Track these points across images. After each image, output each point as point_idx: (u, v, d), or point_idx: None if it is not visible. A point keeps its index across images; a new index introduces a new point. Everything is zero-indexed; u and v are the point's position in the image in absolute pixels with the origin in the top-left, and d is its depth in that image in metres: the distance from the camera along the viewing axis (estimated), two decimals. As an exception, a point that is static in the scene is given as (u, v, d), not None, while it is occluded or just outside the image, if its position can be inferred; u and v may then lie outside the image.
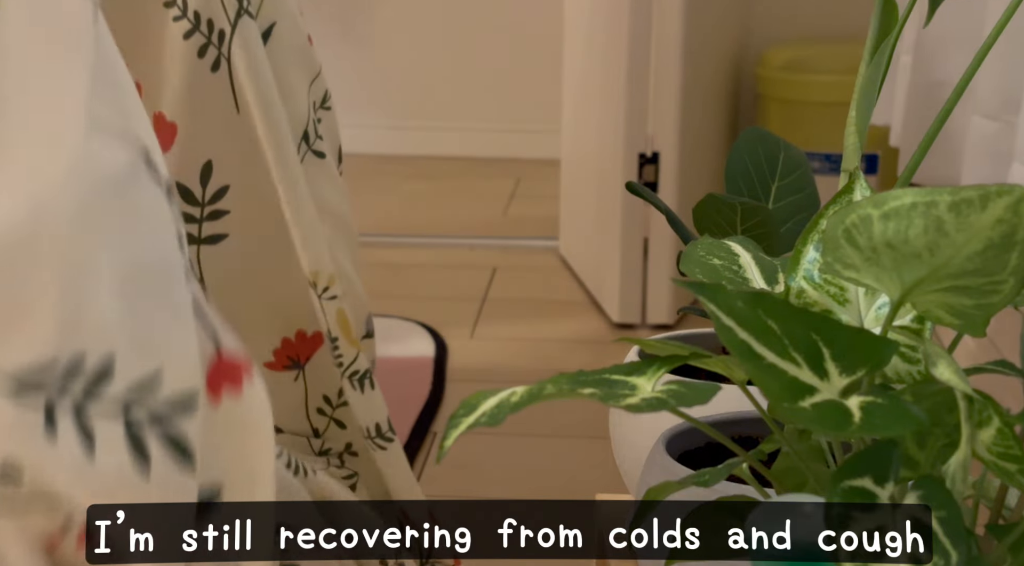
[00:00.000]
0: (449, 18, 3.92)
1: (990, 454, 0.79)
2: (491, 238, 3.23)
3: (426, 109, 3.97)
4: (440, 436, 2.16)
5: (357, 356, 1.59)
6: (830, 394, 0.78)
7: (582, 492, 1.96)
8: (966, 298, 0.79)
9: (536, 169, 3.81)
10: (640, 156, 2.67)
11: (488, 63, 3.94)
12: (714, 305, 0.79)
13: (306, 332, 1.59)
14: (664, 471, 1.01)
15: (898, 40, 1.01)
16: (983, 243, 0.75)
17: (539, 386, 0.81)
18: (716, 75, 2.95)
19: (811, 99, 3.03)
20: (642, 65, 2.63)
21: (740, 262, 1.03)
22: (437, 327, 2.62)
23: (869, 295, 0.91)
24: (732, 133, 3.12)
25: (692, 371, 1.18)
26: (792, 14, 3.35)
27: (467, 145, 3.98)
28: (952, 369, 0.78)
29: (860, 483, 0.75)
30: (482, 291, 2.88)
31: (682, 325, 2.68)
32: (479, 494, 2.01)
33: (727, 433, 1.09)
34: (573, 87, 3.02)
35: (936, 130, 0.99)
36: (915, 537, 0.73)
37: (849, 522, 0.73)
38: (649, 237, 2.69)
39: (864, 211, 0.76)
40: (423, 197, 3.62)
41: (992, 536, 0.82)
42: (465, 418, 0.81)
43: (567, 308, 2.80)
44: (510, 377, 2.40)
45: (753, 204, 1.13)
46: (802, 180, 1.20)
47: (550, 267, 3.05)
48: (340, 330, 1.57)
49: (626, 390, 0.82)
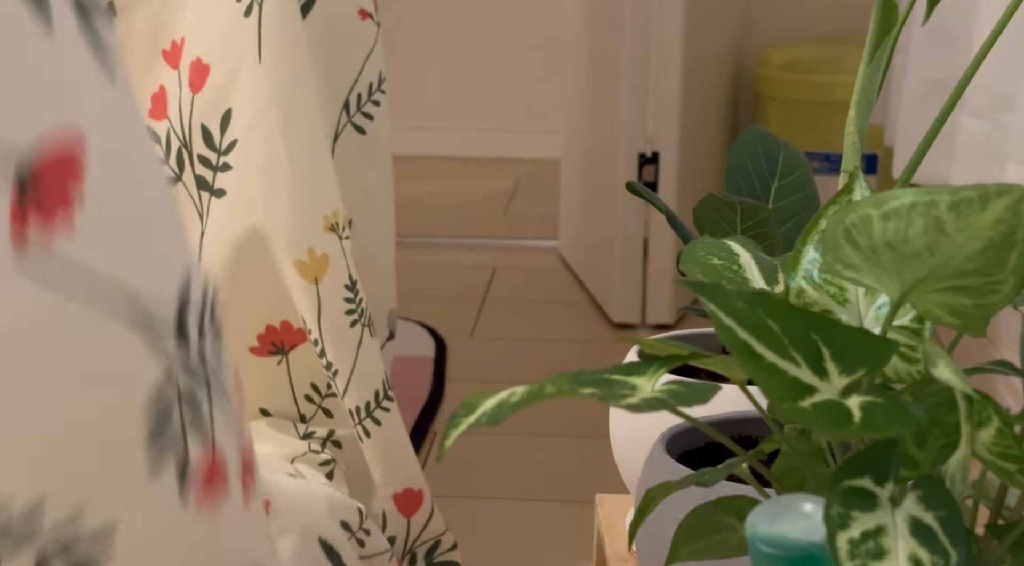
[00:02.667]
0: (450, 18, 3.93)
1: (990, 454, 0.79)
2: (491, 238, 3.23)
3: (426, 109, 3.97)
4: (440, 436, 2.16)
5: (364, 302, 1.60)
6: (830, 394, 0.78)
7: (582, 492, 1.97)
8: (966, 298, 0.79)
9: (536, 169, 3.81)
10: (640, 156, 2.67)
11: (488, 63, 3.94)
12: (714, 305, 0.79)
13: (291, 324, 1.59)
14: (664, 471, 1.01)
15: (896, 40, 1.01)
16: (983, 243, 0.75)
17: (539, 386, 0.81)
18: (716, 75, 2.95)
19: (811, 99, 3.02)
20: (642, 65, 2.63)
21: (740, 262, 1.03)
22: (437, 327, 2.62)
23: (869, 295, 0.91)
24: (732, 133, 3.12)
25: (692, 371, 1.18)
26: (792, 14, 3.35)
27: (467, 145, 3.98)
28: (952, 369, 0.78)
29: (860, 483, 0.75)
30: (482, 291, 2.88)
31: (682, 325, 2.68)
32: (479, 493, 2.01)
33: (727, 433, 1.09)
34: (573, 87, 3.03)
35: (936, 129, 0.99)
36: (914, 537, 0.73)
37: (849, 522, 0.73)
38: (649, 237, 2.69)
39: (864, 211, 0.76)
40: (423, 197, 3.62)
41: (992, 536, 0.82)
42: (465, 418, 0.81)
43: (567, 308, 2.80)
44: (510, 377, 2.40)
45: (753, 204, 1.13)
46: (802, 180, 1.20)
47: (550, 267, 3.05)
48: (358, 272, 1.58)
49: (626, 390, 0.83)
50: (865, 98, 1.02)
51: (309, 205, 1.54)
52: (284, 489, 1.47)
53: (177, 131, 1.56)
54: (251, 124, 1.54)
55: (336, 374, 1.57)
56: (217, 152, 1.55)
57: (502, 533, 1.89)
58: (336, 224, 1.56)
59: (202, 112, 1.55)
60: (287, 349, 1.60)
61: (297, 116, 1.55)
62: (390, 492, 1.63)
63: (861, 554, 0.72)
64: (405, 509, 1.65)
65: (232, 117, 1.55)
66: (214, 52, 1.55)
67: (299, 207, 1.54)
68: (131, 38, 1.61)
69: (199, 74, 1.55)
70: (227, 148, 1.55)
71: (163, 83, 1.59)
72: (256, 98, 1.54)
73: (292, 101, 1.55)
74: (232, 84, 1.54)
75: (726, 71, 3.06)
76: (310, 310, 1.55)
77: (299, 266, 1.53)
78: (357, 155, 1.66)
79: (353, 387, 1.57)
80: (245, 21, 1.54)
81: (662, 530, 0.97)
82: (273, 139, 1.53)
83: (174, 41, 1.58)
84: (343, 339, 1.56)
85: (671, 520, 0.91)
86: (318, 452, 1.60)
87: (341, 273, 1.56)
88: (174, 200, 0.88)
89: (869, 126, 1.04)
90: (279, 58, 1.54)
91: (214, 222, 1.55)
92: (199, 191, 1.55)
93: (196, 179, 1.55)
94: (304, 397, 1.63)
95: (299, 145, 1.55)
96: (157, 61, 1.60)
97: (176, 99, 1.56)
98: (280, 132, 1.54)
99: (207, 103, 1.55)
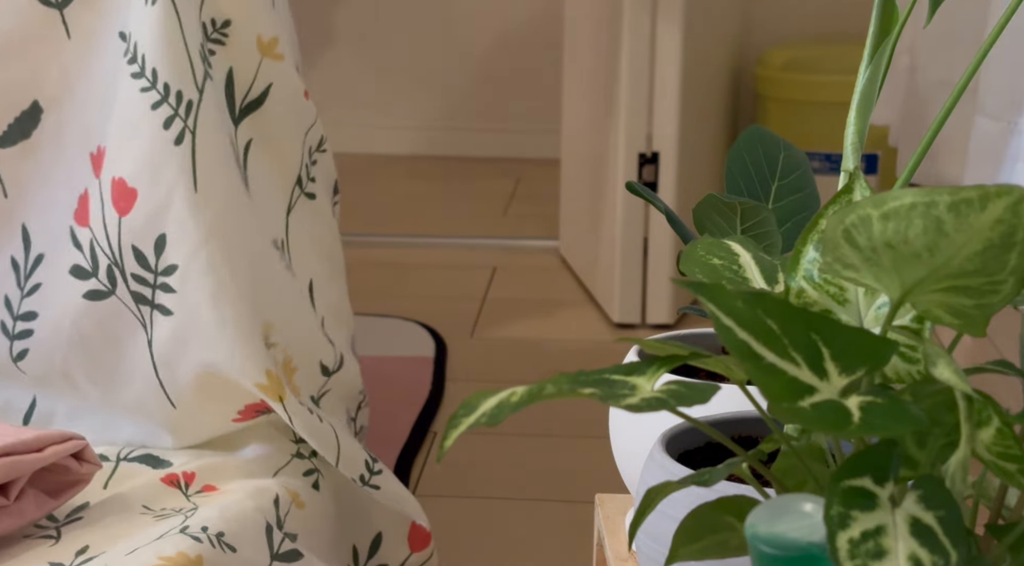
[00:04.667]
0: (449, 18, 3.93)
1: (990, 454, 0.79)
2: (491, 238, 3.23)
3: (426, 109, 3.97)
4: (440, 436, 2.16)
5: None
6: (830, 394, 0.78)
7: (582, 492, 1.97)
8: (966, 298, 0.80)
9: (536, 169, 3.81)
10: (640, 156, 2.67)
11: (488, 63, 3.94)
12: (714, 305, 0.79)
13: (267, 403, 1.59)
14: (664, 471, 1.01)
15: (898, 40, 1.01)
16: (983, 243, 0.75)
17: (539, 386, 0.81)
18: (716, 75, 2.95)
19: (811, 99, 3.03)
20: (642, 65, 2.63)
21: (740, 262, 1.03)
22: (437, 327, 2.62)
23: (869, 295, 0.91)
24: (732, 133, 3.12)
25: (692, 371, 1.18)
26: (792, 14, 3.35)
27: (467, 145, 3.98)
28: (952, 369, 0.78)
29: (860, 483, 0.75)
30: (482, 291, 2.88)
31: (682, 325, 2.68)
32: (479, 494, 2.01)
33: (727, 433, 1.09)
34: (573, 87, 3.03)
35: (937, 129, 0.99)
36: (914, 537, 0.73)
37: (849, 522, 0.73)
38: (649, 237, 2.69)
39: (864, 211, 0.76)
40: (423, 197, 3.62)
41: (992, 536, 0.82)
42: (465, 418, 0.81)
43: (567, 308, 2.80)
44: (510, 377, 2.40)
45: (753, 204, 1.13)
46: (802, 180, 1.20)
47: (550, 267, 3.05)
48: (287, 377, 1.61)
49: (626, 390, 0.83)
50: (865, 98, 1.02)
51: (256, 330, 1.55)
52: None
53: (104, 248, 1.55)
54: (192, 253, 1.53)
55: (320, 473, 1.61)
56: (154, 273, 1.54)
57: (502, 533, 1.89)
58: (267, 337, 1.58)
59: (133, 235, 1.54)
60: (270, 409, 1.59)
61: (239, 243, 1.55)
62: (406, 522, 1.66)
63: (861, 554, 0.72)
64: (414, 543, 1.66)
65: (168, 243, 1.54)
66: (140, 177, 1.53)
67: (248, 335, 1.54)
68: (58, 134, 1.61)
69: (124, 196, 1.54)
70: (165, 270, 1.54)
71: (87, 187, 1.58)
72: (196, 226, 1.53)
73: (233, 228, 1.55)
74: (166, 212, 1.53)
75: (726, 71, 3.06)
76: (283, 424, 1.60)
77: (260, 388, 1.53)
78: (312, 220, 1.71)
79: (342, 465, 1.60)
80: (176, 149, 1.53)
81: (662, 530, 0.97)
82: (218, 269, 1.53)
83: (100, 146, 1.57)
84: (320, 432, 1.58)
85: (671, 520, 0.91)
86: (304, 457, 1.60)
87: (306, 386, 1.62)
88: None
89: (869, 126, 1.04)
90: (216, 186, 1.54)
91: (162, 341, 1.55)
92: (137, 305, 1.55)
93: (132, 294, 1.55)
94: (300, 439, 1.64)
95: (243, 272, 1.55)
96: (85, 162, 1.60)
97: (99, 214, 1.55)
98: (224, 261, 1.53)
99: (138, 226, 1.53)
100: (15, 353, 1.61)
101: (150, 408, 1.57)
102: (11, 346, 1.61)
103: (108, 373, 1.58)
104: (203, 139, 1.53)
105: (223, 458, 1.57)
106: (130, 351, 1.57)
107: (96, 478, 1.51)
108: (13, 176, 1.62)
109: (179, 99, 1.53)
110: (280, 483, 1.53)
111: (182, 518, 1.42)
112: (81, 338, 1.58)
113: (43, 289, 1.60)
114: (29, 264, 1.62)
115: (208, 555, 1.36)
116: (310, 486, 1.58)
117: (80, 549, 1.38)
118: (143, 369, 1.56)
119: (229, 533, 1.40)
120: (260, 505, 1.48)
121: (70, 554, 1.37)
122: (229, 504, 1.45)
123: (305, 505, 1.54)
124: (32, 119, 1.61)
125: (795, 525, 0.76)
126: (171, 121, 1.53)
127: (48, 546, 1.39)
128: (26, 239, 1.62)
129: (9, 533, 1.39)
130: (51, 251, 1.60)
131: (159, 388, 1.56)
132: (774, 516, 0.77)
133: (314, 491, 1.58)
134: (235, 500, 1.47)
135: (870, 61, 1.01)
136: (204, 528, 1.39)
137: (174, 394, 1.56)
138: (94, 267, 1.56)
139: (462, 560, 1.81)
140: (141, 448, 1.59)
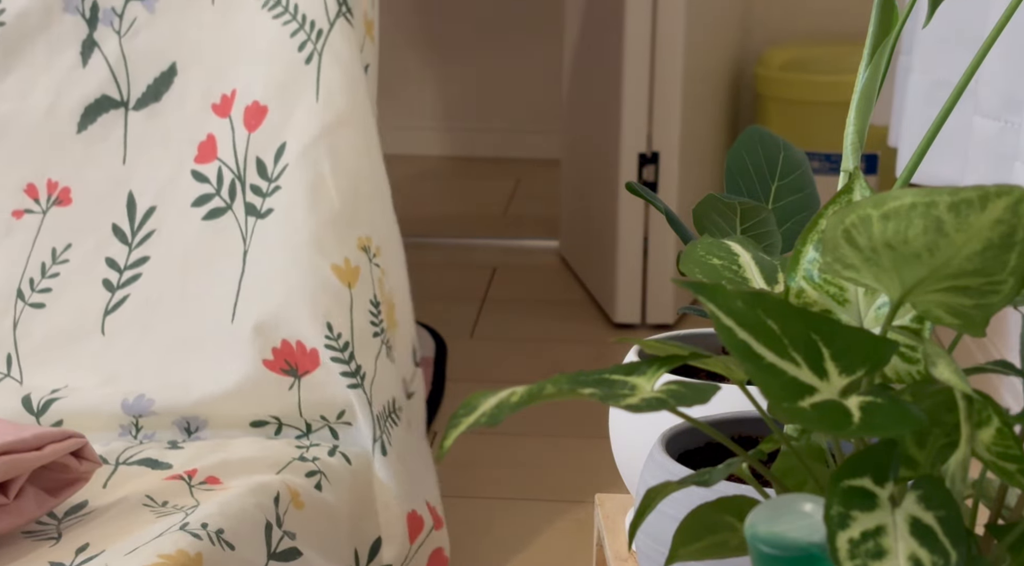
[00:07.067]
0: (449, 17, 3.92)
1: (990, 454, 0.79)
2: (491, 238, 3.23)
3: (426, 109, 3.97)
4: (440, 436, 2.16)
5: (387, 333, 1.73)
6: (830, 394, 0.78)
7: (582, 492, 1.97)
8: (966, 298, 0.80)
9: (536, 169, 3.81)
10: (640, 156, 2.67)
11: (488, 63, 3.94)
12: (714, 305, 0.79)
13: (305, 345, 1.63)
14: (664, 471, 1.01)
15: (897, 40, 1.01)
16: (982, 243, 0.75)
17: (539, 386, 0.81)
18: (716, 75, 2.95)
19: (811, 99, 3.02)
20: (642, 65, 2.63)
21: (740, 262, 1.03)
22: (437, 327, 2.62)
23: (869, 295, 0.91)
24: (732, 133, 3.12)
25: (692, 371, 1.18)
26: (792, 14, 3.35)
27: (467, 145, 3.98)
28: (952, 369, 0.78)
29: (860, 483, 0.75)
30: (482, 291, 2.88)
31: (682, 325, 2.68)
32: (479, 493, 2.01)
33: (727, 433, 1.09)
34: (573, 87, 3.03)
35: (936, 129, 0.99)
36: (914, 537, 0.73)
37: (849, 522, 0.73)
38: (649, 237, 2.69)
39: (864, 211, 0.76)
40: (423, 197, 3.62)
41: (992, 536, 0.82)
42: (465, 418, 0.81)
43: (567, 308, 2.80)
44: (510, 377, 2.40)
45: (753, 204, 1.13)
46: (802, 180, 1.20)
47: (550, 267, 3.05)
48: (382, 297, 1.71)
49: (626, 390, 0.83)
50: (865, 98, 1.02)
51: (346, 223, 1.70)
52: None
53: (231, 166, 1.72)
54: (303, 151, 1.70)
55: (364, 378, 1.66)
56: (269, 180, 1.71)
57: (502, 533, 1.89)
58: (367, 247, 1.71)
59: (259, 146, 1.72)
60: (300, 373, 1.63)
61: (345, 148, 1.72)
62: (404, 511, 1.65)
63: (861, 554, 0.72)
64: (412, 531, 1.67)
65: (286, 148, 1.71)
66: (271, 95, 1.73)
67: (338, 222, 1.69)
68: (184, 94, 1.78)
69: (255, 115, 1.72)
70: (278, 174, 1.70)
71: (211, 132, 1.74)
72: (310, 130, 1.71)
73: (342, 134, 1.72)
74: (288, 122, 1.71)
75: (726, 71, 3.06)
76: (342, 313, 1.66)
77: (336, 270, 1.66)
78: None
79: (375, 394, 1.66)
80: (306, 68, 1.73)
81: (662, 530, 0.97)
82: (321, 164, 1.69)
83: (224, 94, 1.75)
84: (369, 346, 1.67)
85: (671, 520, 0.91)
86: (306, 460, 1.60)
87: (368, 289, 1.70)
88: None
89: (869, 126, 1.04)
90: (335, 97, 1.72)
91: (258, 241, 1.69)
92: (247, 216, 1.71)
93: (246, 206, 1.71)
94: (320, 416, 1.65)
95: (343, 172, 1.71)
96: (206, 114, 1.75)
97: (229, 141, 1.72)
98: (328, 159, 1.70)
99: (264, 138, 1.71)
100: (111, 306, 1.73)
101: (200, 336, 1.67)
102: (111, 298, 1.73)
103: (196, 297, 1.69)
104: (329, 59, 1.73)
105: (223, 458, 1.57)
106: (224, 273, 1.69)
107: (96, 477, 1.51)
108: (137, 140, 1.78)
109: (312, 26, 1.73)
110: (282, 480, 1.53)
111: (182, 515, 1.42)
112: (184, 263, 1.71)
113: (156, 236, 1.74)
114: (137, 221, 1.76)
115: (208, 553, 1.36)
116: (312, 487, 1.58)
117: (80, 547, 1.38)
118: (226, 299, 1.68)
119: (229, 530, 1.41)
120: (260, 502, 1.48)
121: (70, 553, 1.37)
122: (230, 500, 1.46)
123: (305, 505, 1.54)
124: (166, 82, 1.78)
125: (795, 525, 0.76)
126: (304, 45, 1.73)
127: (48, 545, 1.39)
128: (131, 204, 1.76)
129: (9, 531, 1.39)
130: (165, 200, 1.74)
131: (231, 310, 1.67)
132: (774, 516, 0.77)
133: (316, 491, 1.58)
134: (236, 495, 1.47)
135: (870, 61, 1.01)
136: (204, 525, 1.39)
137: (240, 313, 1.66)
138: (218, 187, 1.72)
139: (462, 560, 1.81)
140: (141, 449, 1.59)
